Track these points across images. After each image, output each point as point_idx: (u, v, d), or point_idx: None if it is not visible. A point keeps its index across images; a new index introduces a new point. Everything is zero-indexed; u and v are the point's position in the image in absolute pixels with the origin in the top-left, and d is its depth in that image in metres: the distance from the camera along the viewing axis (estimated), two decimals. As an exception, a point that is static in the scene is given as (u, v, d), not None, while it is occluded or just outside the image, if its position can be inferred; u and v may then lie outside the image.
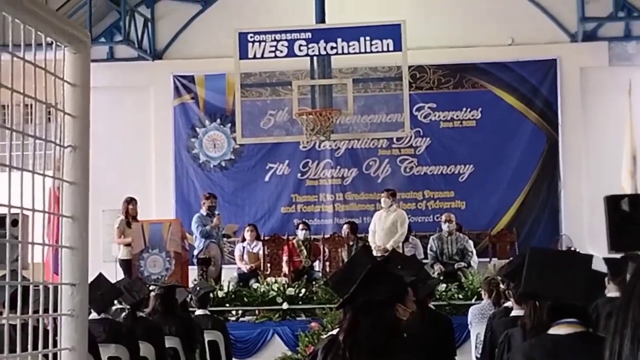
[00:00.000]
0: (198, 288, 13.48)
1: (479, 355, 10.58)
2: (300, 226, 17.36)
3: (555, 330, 4.44)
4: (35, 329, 2.38)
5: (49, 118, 2.65)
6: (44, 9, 2.34)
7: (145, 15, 20.30)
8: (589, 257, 4.84)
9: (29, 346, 2.33)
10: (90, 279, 3.00)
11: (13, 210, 2.24)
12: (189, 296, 12.24)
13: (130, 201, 16.41)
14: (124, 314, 10.54)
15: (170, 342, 10.31)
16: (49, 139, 2.44)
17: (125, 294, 10.62)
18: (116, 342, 9.11)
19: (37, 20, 2.30)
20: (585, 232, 17.75)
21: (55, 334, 2.43)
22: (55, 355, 2.42)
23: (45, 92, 2.38)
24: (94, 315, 9.05)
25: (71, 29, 2.48)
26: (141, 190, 18.06)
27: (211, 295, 13.88)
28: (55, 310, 2.40)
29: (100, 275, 10.09)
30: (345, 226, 17.32)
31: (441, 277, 14.77)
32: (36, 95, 2.33)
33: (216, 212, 16.88)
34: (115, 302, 10.68)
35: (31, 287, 2.35)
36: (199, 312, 12.54)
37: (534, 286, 4.77)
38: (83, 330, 2.46)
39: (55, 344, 2.41)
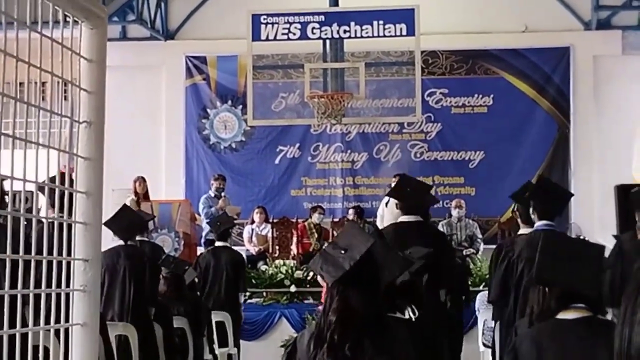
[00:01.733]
0: (219, 223, 13.92)
1: (486, 342, 10.65)
2: (318, 210, 17.49)
3: (563, 315, 4.45)
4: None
5: (65, 97, 2.65)
6: None
7: None
8: (602, 248, 4.89)
9: (41, 321, 2.34)
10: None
11: (28, 187, 2.26)
12: (197, 273, 12.36)
13: (139, 180, 16.44)
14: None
15: (178, 322, 10.38)
16: (64, 115, 2.44)
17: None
18: (137, 266, 9.73)
19: None
20: (595, 221, 17.77)
21: (67, 310, 2.43)
22: (66, 331, 2.42)
23: (61, 68, 2.38)
24: (120, 242, 9.67)
25: (88, 4, 2.48)
26: (151, 170, 18.10)
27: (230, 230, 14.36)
28: (67, 285, 2.41)
29: (125, 206, 10.92)
30: (350, 210, 17.39)
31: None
32: (52, 71, 2.33)
33: (223, 194, 16.90)
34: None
35: (44, 261, 2.34)
36: (218, 243, 13.03)
37: (547, 272, 4.77)
38: (95, 307, 2.46)
39: (67, 320, 2.41)
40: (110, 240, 10.08)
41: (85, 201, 2.47)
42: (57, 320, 2.37)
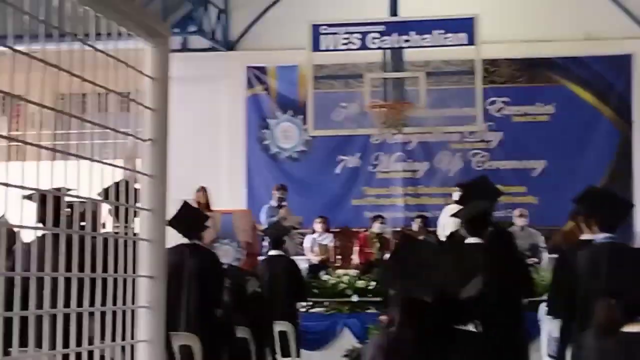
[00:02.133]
0: (274, 230, 14.21)
1: (551, 353, 10.55)
2: (379, 220, 17.47)
3: (630, 328, 4.41)
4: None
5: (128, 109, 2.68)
6: (126, 3, 2.37)
7: (219, 6, 20.45)
8: None
9: (107, 337, 2.36)
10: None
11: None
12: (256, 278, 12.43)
13: (201, 190, 16.54)
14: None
15: (240, 332, 10.41)
16: (126, 131, 2.47)
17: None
18: (202, 263, 9.78)
19: (119, 14, 2.32)
20: (659, 229, 17.60)
21: (132, 326, 2.46)
22: (131, 347, 2.44)
23: (126, 85, 2.41)
24: (184, 240, 9.73)
25: (152, 22, 2.51)
26: (213, 180, 18.14)
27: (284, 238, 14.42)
28: (133, 303, 2.43)
29: (185, 203, 10.80)
30: (417, 220, 17.32)
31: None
32: (116, 88, 2.36)
33: (285, 204, 16.97)
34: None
35: (109, 279, 2.38)
36: (272, 252, 13.11)
37: (614, 284, 4.74)
38: (160, 323, 2.48)
39: (132, 336, 2.44)
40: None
41: (149, 218, 2.48)
42: (123, 337, 2.39)
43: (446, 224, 16.09)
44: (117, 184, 2.55)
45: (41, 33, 2.05)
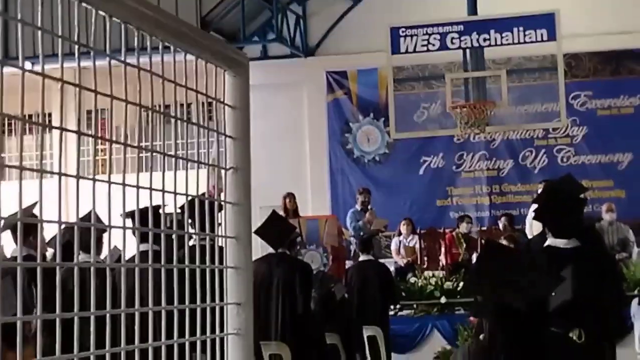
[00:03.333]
0: (362, 233, 14.59)
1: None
2: (466, 219, 17.38)
3: None
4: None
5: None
6: (205, 37, 2.41)
7: (297, 12, 20.60)
8: None
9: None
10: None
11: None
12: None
13: (289, 196, 16.61)
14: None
15: (330, 339, 10.45)
16: (212, 162, 2.51)
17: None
18: (290, 272, 9.87)
19: (198, 47, 2.36)
20: None
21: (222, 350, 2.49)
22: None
23: (207, 118, 2.44)
24: (271, 250, 10.04)
25: (231, 53, 2.55)
26: (297, 186, 18.25)
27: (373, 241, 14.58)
28: (221, 329, 2.46)
29: (274, 212, 11.15)
30: (503, 218, 17.21)
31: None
32: (199, 122, 2.40)
33: (370, 207, 16.92)
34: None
35: (198, 309, 2.43)
36: (362, 257, 13.29)
37: None
38: (249, 349, 2.52)
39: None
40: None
41: (235, 246, 2.51)
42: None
43: (533, 222, 15.98)
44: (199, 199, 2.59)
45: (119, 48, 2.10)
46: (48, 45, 1.98)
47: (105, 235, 2.25)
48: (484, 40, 16.04)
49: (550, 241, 7.33)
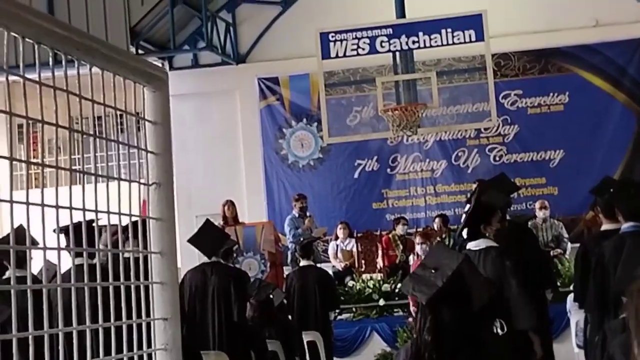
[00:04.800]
0: (302, 239, 14.41)
1: (579, 343, 10.58)
2: (401, 222, 17.40)
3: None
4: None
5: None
6: (121, 53, 2.40)
7: (226, 20, 20.54)
8: None
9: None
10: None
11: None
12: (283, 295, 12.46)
13: (228, 203, 16.59)
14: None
15: (270, 346, 10.47)
16: (133, 177, 2.50)
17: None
18: (225, 280, 9.99)
19: (114, 64, 2.36)
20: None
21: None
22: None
23: (126, 131, 2.44)
24: (204, 259, 10.23)
25: (149, 68, 2.54)
26: (233, 194, 18.17)
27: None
28: (149, 345, 2.47)
29: (207, 221, 11.18)
30: (436, 219, 17.32)
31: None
32: (118, 137, 2.40)
33: (308, 214, 16.93)
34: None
35: (124, 326, 2.44)
36: (303, 262, 13.24)
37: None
38: (177, 363, 2.53)
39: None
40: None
41: (160, 261, 2.51)
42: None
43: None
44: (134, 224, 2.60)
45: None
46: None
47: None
48: (413, 42, 16.06)
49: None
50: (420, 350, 4.53)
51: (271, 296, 11.18)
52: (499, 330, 6.15)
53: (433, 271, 4.53)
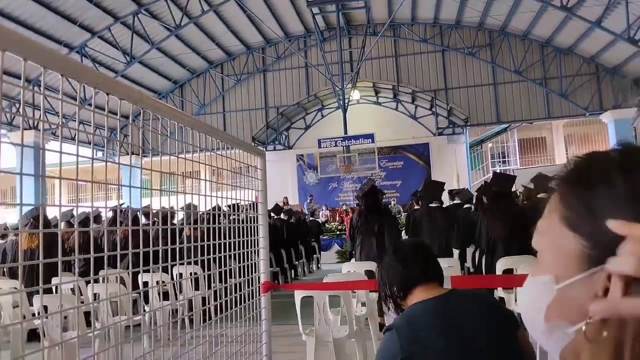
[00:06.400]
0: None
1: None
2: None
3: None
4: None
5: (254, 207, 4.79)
6: (247, 145, 4.82)
7: (283, 132, 34.92)
8: None
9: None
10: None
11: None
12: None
13: (284, 199, 23.83)
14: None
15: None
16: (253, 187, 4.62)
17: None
18: None
19: (245, 147, 4.65)
20: None
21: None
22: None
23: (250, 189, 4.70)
24: None
25: (258, 149, 5.01)
26: (283, 196, 28.42)
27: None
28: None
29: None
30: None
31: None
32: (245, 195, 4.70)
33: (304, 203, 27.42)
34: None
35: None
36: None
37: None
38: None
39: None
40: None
41: (262, 223, 4.80)
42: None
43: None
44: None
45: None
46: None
47: None
48: (349, 143, 27.24)
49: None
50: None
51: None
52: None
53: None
